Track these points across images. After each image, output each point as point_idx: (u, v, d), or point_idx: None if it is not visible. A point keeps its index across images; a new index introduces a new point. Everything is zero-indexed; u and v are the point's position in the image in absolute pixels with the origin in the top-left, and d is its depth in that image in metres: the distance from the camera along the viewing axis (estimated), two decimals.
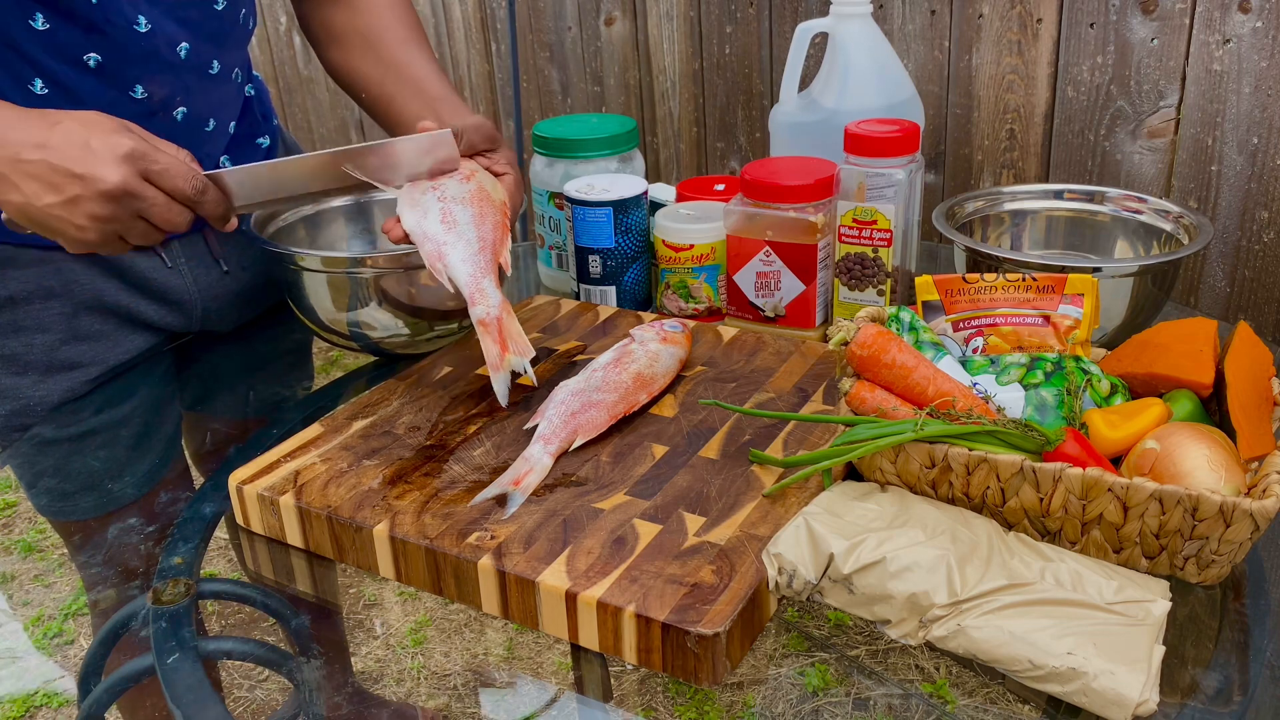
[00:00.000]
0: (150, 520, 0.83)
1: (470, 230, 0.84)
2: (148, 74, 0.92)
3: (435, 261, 0.83)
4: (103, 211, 0.77)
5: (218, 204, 0.83)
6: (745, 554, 0.68)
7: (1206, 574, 0.67)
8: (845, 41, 1.19)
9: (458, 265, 0.82)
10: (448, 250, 0.83)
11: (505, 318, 0.81)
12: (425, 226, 0.84)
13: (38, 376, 0.98)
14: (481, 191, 0.88)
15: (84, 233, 0.78)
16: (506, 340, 0.81)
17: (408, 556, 0.72)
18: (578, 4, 1.82)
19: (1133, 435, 0.71)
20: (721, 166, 1.78)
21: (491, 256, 0.83)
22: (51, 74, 0.88)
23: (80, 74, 0.89)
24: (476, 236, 0.83)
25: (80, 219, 0.77)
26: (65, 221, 0.77)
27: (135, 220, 0.79)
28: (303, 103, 2.33)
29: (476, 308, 0.81)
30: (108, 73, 0.90)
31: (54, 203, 0.77)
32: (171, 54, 0.93)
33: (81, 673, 0.73)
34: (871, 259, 1.00)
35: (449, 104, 1.01)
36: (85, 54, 0.89)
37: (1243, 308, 1.40)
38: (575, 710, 0.67)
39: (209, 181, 0.81)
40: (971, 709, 0.62)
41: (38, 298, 0.97)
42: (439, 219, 0.84)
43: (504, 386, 0.81)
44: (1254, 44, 1.28)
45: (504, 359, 0.81)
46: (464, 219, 0.84)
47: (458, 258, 0.82)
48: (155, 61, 0.92)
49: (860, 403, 0.75)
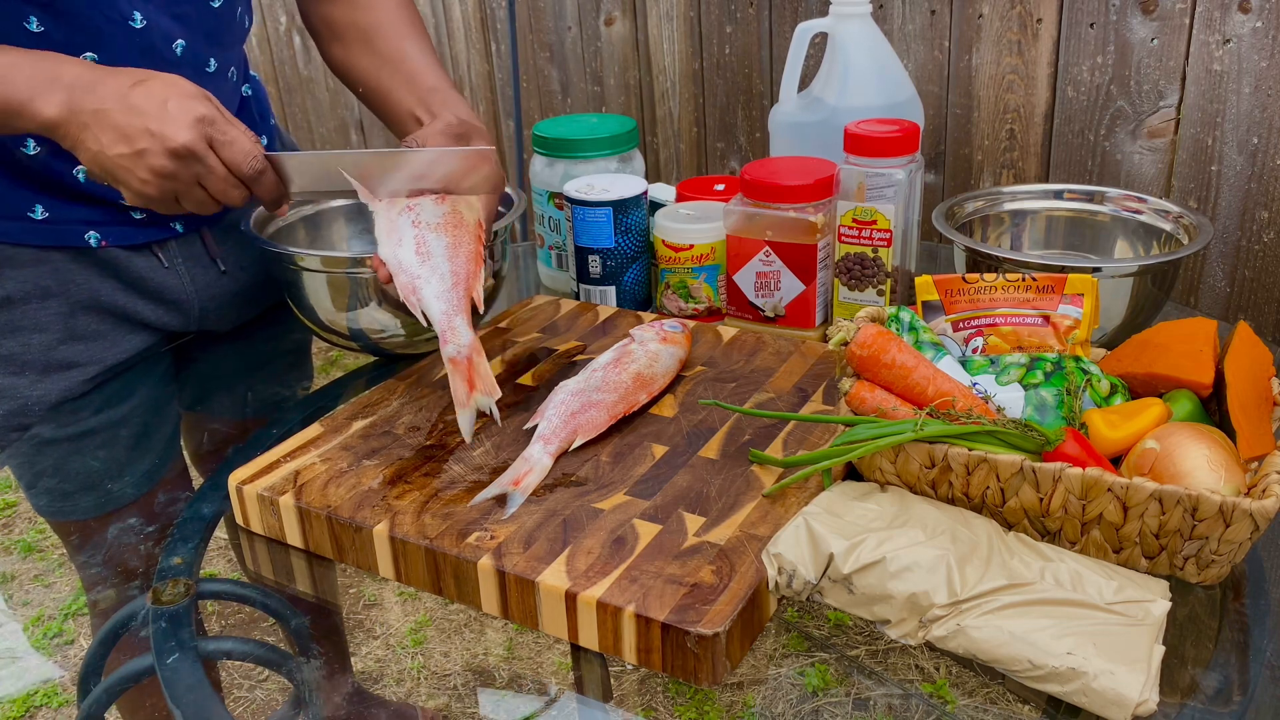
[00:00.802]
0: (150, 520, 0.83)
1: (444, 264, 0.85)
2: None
3: (409, 295, 0.84)
4: (166, 167, 0.81)
5: (273, 186, 0.86)
6: (745, 554, 0.68)
7: (1206, 574, 0.67)
8: (845, 41, 1.19)
9: (431, 301, 0.84)
10: (421, 285, 0.84)
11: (475, 357, 0.83)
12: (400, 256, 0.86)
13: (35, 376, 0.98)
14: (455, 215, 0.88)
15: (146, 186, 0.82)
16: (475, 379, 0.82)
17: (408, 556, 0.72)
18: (578, 4, 1.82)
19: (1133, 435, 0.71)
20: (721, 166, 1.78)
21: (464, 293, 0.85)
22: None
23: None
24: (450, 271, 0.85)
25: (144, 172, 0.81)
26: (130, 173, 0.81)
27: (194, 185, 0.83)
28: (302, 103, 2.33)
29: (448, 346, 0.83)
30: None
31: (124, 153, 0.80)
32: (168, 51, 0.94)
33: (81, 673, 0.73)
34: (871, 259, 1.00)
35: (440, 95, 1.01)
36: (81, 53, 0.89)
37: (1243, 308, 1.40)
38: (575, 710, 0.67)
39: (268, 163, 0.85)
40: (971, 709, 0.62)
41: (35, 297, 0.97)
42: (413, 249, 0.86)
43: (469, 424, 0.82)
44: (1254, 44, 1.28)
45: (471, 397, 0.82)
46: (438, 250, 0.85)
47: (431, 293, 0.84)
48: (151, 58, 0.93)
49: (860, 403, 0.75)
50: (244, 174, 0.83)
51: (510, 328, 1.04)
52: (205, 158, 0.81)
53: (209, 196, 0.84)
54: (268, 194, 0.86)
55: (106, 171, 0.82)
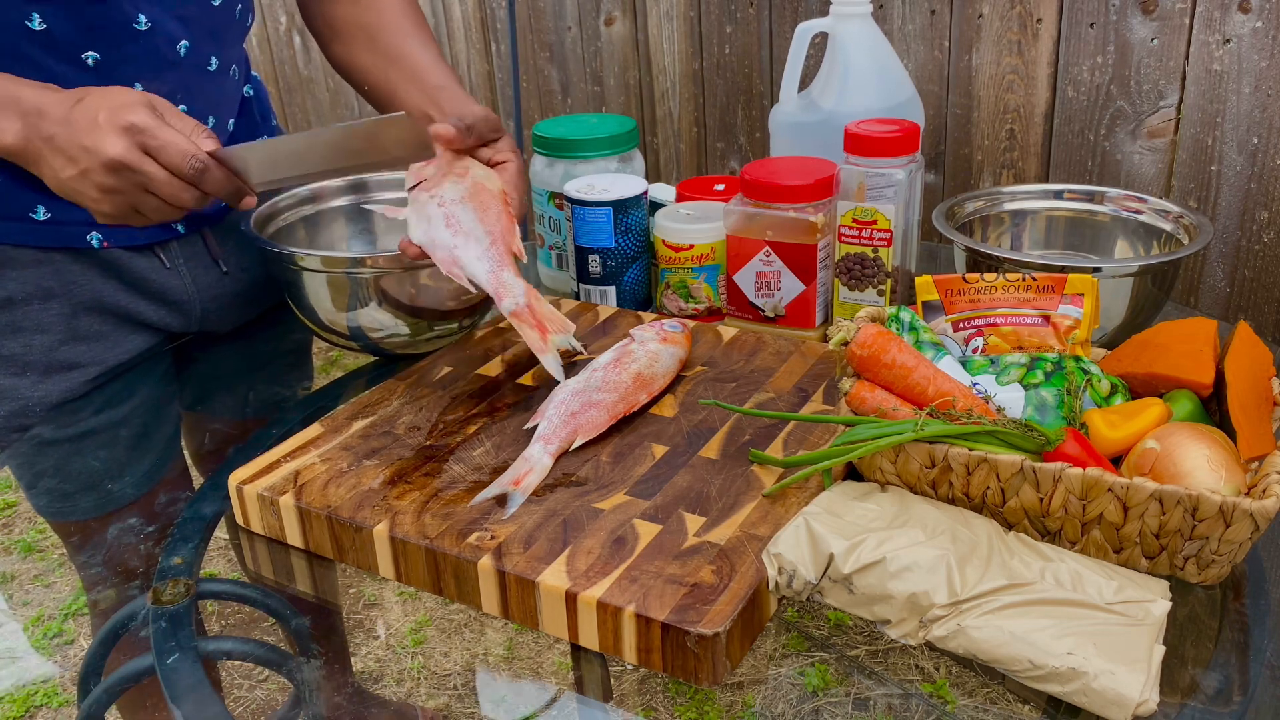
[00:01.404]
0: (150, 520, 0.83)
1: (477, 227, 0.84)
2: (146, 72, 0.93)
3: (452, 267, 0.83)
4: (108, 183, 0.79)
5: (221, 183, 0.83)
6: (745, 554, 0.68)
7: (1206, 574, 0.67)
8: (845, 41, 1.19)
9: (473, 264, 0.83)
10: (460, 253, 0.83)
11: (535, 303, 0.82)
12: (434, 235, 0.85)
13: (37, 377, 0.98)
14: (477, 186, 0.88)
15: (99, 204, 0.81)
16: (544, 322, 0.81)
17: (408, 556, 0.72)
18: (578, 4, 1.82)
19: (1133, 435, 0.71)
20: (721, 166, 1.78)
21: (504, 248, 0.84)
22: (50, 74, 0.88)
23: (79, 73, 0.89)
24: (484, 232, 0.84)
25: (92, 191, 0.80)
26: (82, 194, 0.80)
27: (142, 194, 0.81)
28: (302, 103, 2.33)
29: (504, 301, 0.82)
30: (106, 71, 0.90)
31: (72, 175, 0.79)
32: (171, 52, 0.94)
33: (81, 673, 0.73)
34: (871, 259, 1.00)
35: (449, 93, 1.01)
36: (83, 53, 0.89)
37: (1243, 308, 1.40)
38: (575, 710, 0.67)
39: (210, 160, 0.81)
40: (971, 709, 0.62)
41: (36, 298, 0.97)
42: (444, 224, 0.85)
43: (556, 365, 0.81)
44: (1254, 44, 1.28)
45: (548, 340, 0.81)
46: (467, 219, 0.85)
47: (471, 256, 0.83)
48: (155, 59, 0.92)
49: (860, 403, 0.75)
50: (185, 176, 0.81)
51: (510, 328, 1.04)
52: (141, 165, 0.79)
53: (163, 202, 0.82)
54: (220, 190, 0.83)
55: (66, 195, 0.81)
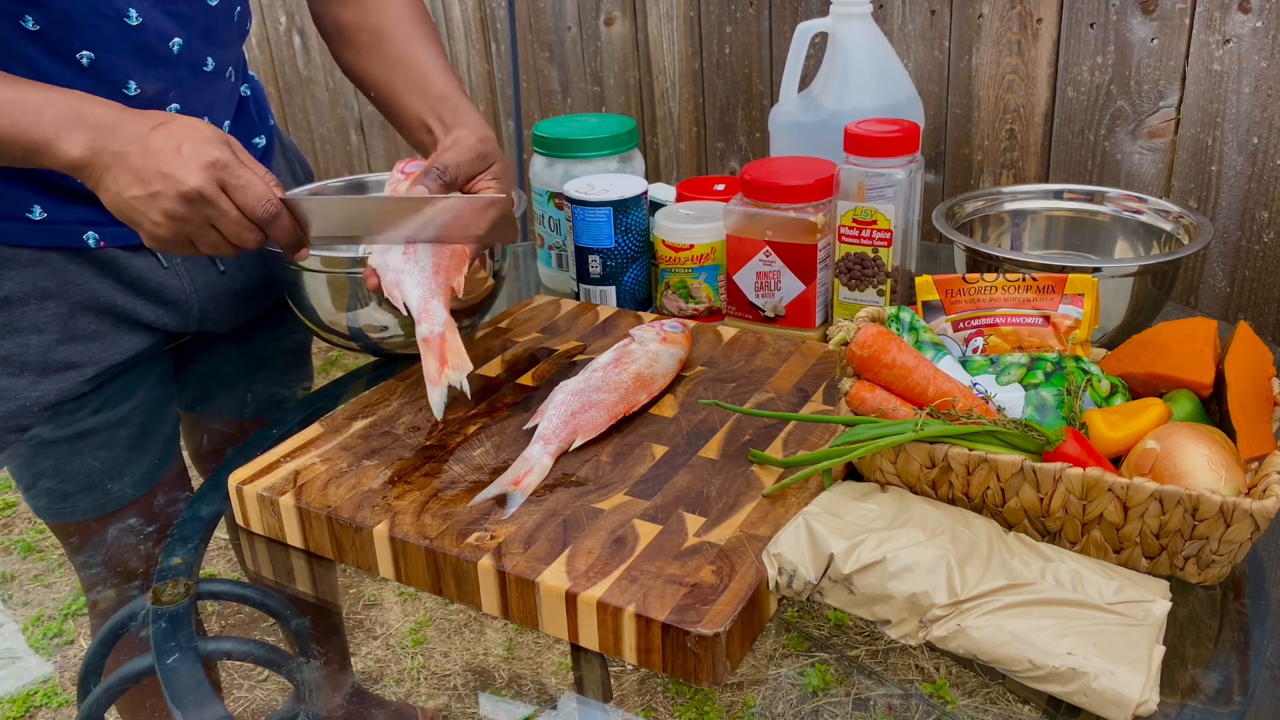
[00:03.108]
0: (149, 521, 0.83)
1: (427, 259, 0.88)
2: (140, 69, 0.93)
3: (392, 290, 0.87)
4: (177, 211, 0.80)
5: (288, 231, 0.85)
6: (745, 554, 0.68)
7: (1206, 574, 0.67)
8: (845, 41, 1.19)
9: (410, 289, 0.86)
10: (403, 278, 0.87)
11: (448, 334, 0.84)
12: (388, 259, 0.88)
13: (34, 377, 0.98)
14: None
15: (158, 228, 0.82)
16: (447, 354, 0.83)
17: (408, 556, 0.72)
18: (578, 4, 1.82)
19: (1133, 435, 0.71)
20: (721, 166, 1.78)
21: (444, 281, 0.87)
22: (45, 73, 0.88)
23: (74, 72, 0.89)
24: (431, 263, 0.87)
25: (156, 215, 0.81)
26: (144, 215, 0.81)
27: (207, 228, 0.82)
28: (302, 103, 2.33)
29: (421, 326, 0.84)
30: (101, 70, 0.90)
31: (138, 195, 0.80)
32: (164, 49, 0.94)
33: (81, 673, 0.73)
34: (871, 259, 1.00)
35: (450, 103, 1.01)
36: (77, 52, 0.89)
37: (1243, 308, 1.40)
38: (575, 710, 0.67)
39: (283, 207, 0.84)
40: (971, 709, 0.62)
41: (34, 298, 0.97)
42: (400, 250, 0.88)
43: (440, 400, 0.83)
44: (1254, 44, 1.28)
45: (442, 374, 0.83)
46: (423, 249, 0.88)
47: (411, 283, 0.86)
48: (147, 56, 0.93)
49: (860, 403, 0.75)
50: (257, 217, 0.83)
51: (510, 328, 1.04)
52: (217, 201, 0.81)
53: (223, 239, 0.84)
54: (284, 238, 0.86)
55: (122, 213, 0.82)
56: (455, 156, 0.92)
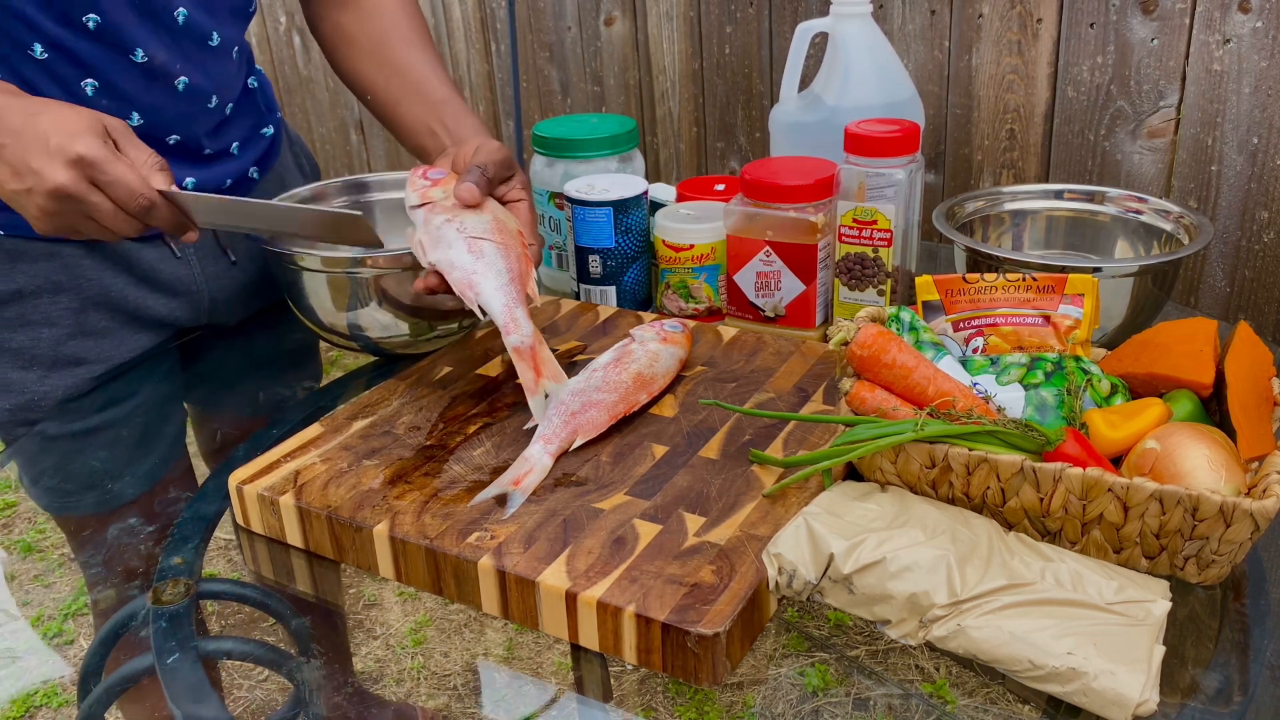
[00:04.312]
0: (151, 520, 0.83)
1: (499, 262, 0.86)
2: (147, 37, 0.92)
3: (466, 289, 0.85)
4: (49, 206, 0.80)
5: (166, 220, 0.84)
6: (745, 554, 0.68)
7: (1206, 574, 0.67)
8: (845, 41, 1.19)
9: (491, 294, 0.85)
10: (478, 280, 0.85)
11: (538, 346, 0.85)
12: (453, 257, 0.86)
13: (43, 371, 0.98)
14: (498, 223, 0.90)
15: (39, 221, 0.81)
16: (540, 366, 0.84)
17: (408, 556, 0.72)
18: (578, 4, 1.82)
19: (1133, 435, 0.71)
20: (721, 166, 1.78)
21: (520, 288, 0.86)
22: (51, 38, 0.88)
23: (79, 36, 0.89)
24: (505, 268, 0.86)
25: (34, 208, 0.80)
26: (24, 208, 0.81)
27: (85, 219, 0.82)
28: (302, 103, 2.33)
29: (511, 337, 0.84)
30: (107, 34, 0.90)
31: (17, 189, 0.80)
32: (169, 18, 0.93)
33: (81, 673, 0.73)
34: (871, 259, 1.00)
35: (451, 108, 1.02)
36: (84, 15, 0.89)
37: (1243, 308, 1.40)
38: (575, 710, 0.67)
39: (158, 199, 0.82)
40: (971, 709, 0.62)
41: (46, 292, 0.97)
42: (465, 250, 0.87)
43: (541, 408, 0.84)
44: (1254, 44, 1.28)
45: (539, 383, 0.83)
46: (490, 251, 0.87)
47: (490, 287, 0.85)
48: (154, 22, 0.92)
49: (860, 403, 0.75)
50: (131, 213, 0.82)
51: None
52: (86, 197, 0.80)
53: (104, 229, 0.83)
54: (165, 226, 0.85)
55: (9, 203, 0.82)
56: (487, 157, 0.92)
